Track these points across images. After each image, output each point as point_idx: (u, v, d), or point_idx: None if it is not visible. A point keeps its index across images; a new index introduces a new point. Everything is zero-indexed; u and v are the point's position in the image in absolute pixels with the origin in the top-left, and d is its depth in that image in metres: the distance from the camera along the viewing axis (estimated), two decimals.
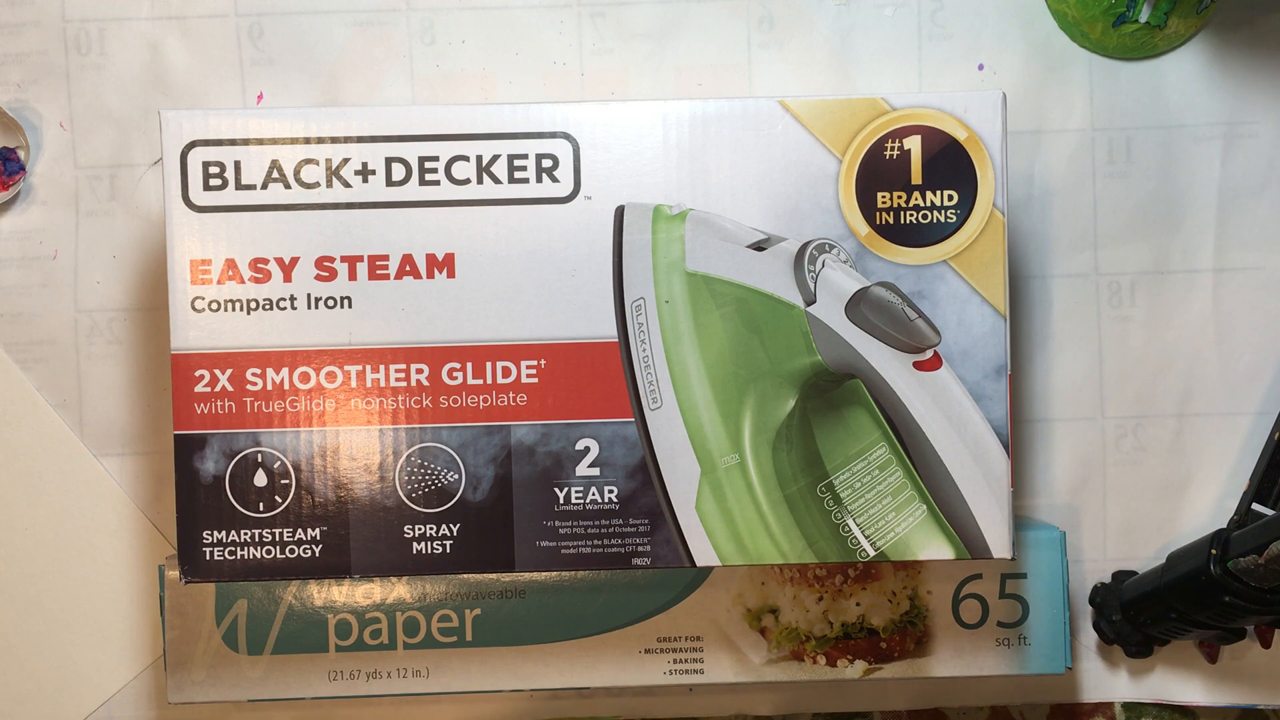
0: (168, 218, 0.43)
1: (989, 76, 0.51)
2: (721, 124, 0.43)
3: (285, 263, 0.43)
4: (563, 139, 0.43)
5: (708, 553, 0.44)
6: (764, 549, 0.44)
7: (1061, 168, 0.51)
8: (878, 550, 0.44)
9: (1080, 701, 0.52)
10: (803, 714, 0.52)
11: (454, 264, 0.43)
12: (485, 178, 0.44)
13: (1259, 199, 0.51)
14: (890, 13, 0.51)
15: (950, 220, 0.43)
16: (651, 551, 0.45)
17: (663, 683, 0.48)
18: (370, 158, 0.43)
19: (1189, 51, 0.51)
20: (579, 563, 0.44)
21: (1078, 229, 0.51)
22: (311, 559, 0.44)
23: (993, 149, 0.43)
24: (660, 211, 0.44)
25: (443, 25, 0.51)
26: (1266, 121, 0.51)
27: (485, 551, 0.44)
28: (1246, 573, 0.44)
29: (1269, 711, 0.53)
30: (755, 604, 0.48)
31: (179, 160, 0.43)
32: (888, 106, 0.43)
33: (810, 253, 0.44)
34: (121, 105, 0.50)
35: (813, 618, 0.48)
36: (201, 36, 0.50)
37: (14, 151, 0.50)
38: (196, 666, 0.48)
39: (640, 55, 0.51)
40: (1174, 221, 0.51)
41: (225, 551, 0.44)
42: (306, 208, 0.43)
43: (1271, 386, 0.51)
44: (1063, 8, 0.50)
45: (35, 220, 0.51)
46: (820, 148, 0.43)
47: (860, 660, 0.48)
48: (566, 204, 0.44)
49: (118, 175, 0.51)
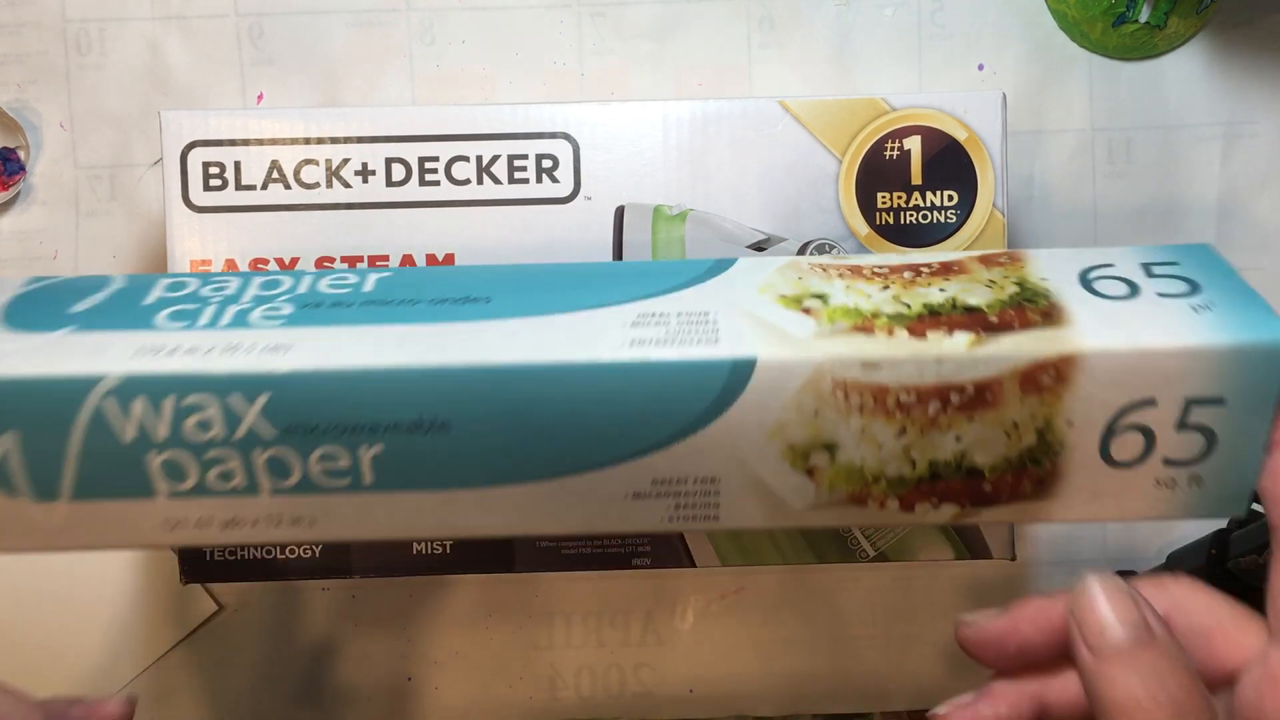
0: (168, 218, 0.43)
1: (989, 76, 0.51)
2: (721, 124, 0.43)
3: (285, 263, 0.43)
4: (563, 139, 0.43)
5: (708, 553, 0.45)
6: (764, 549, 0.45)
7: (1061, 168, 0.51)
8: (878, 550, 0.44)
9: None
10: (803, 714, 0.52)
11: (454, 264, 0.43)
12: (485, 178, 0.44)
13: (1259, 199, 0.51)
14: (890, 13, 0.51)
15: (950, 220, 0.43)
16: (651, 551, 0.45)
17: (661, 530, 0.32)
18: (370, 158, 0.43)
19: (1189, 51, 0.51)
20: (579, 563, 0.45)
21: (1078, 229, 0.51)
22: (311, 559, 0.44)
23: (993, 149, 0.43)
24: (660, 211, 0.44)
25: (443, 25, 0.51)
26: (1266, 121, 0.51)
27: (485, 551, 0.44)
28: (1246, 573, 0.44)
29: None
30: (802, 438, 0.31)
31: (179, 160, 0.43)
32: (888, 107, 0.43)
33: (810, 253, 0.44)
34: (121, 105, 0.50)
35: (887, 455, 0.31)
36: (201, 36, 0.50)
37: (14, 151, 0.50)
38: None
39: (640, 55, 0.51)
40: (1174, 221, 0.51)
41: (225, 551, 0.44)
42: (306, 208, 0.43)
43: None
44: (1063, 8, 0.50)
45: (35, 220, 0.51)
46: (820, 148, 0.43)
47: (948, 504, 0.32)
48: (566, 204, 0.44)
49: (118, 175, 0.51)
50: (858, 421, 0.31)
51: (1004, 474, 0.32)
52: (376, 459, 0.31)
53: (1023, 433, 0.31)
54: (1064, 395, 0.30)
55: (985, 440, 0.31)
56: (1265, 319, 0.30)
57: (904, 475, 0.32)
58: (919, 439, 0.31)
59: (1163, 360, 0.30)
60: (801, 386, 0.30)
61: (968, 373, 0.30)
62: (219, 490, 0.32)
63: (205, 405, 0.31)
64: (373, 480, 0.32)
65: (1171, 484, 0.33)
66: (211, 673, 0.51)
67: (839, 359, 0.30)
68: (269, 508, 0.32)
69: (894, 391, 0.30)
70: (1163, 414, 0.31)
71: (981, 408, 0.30)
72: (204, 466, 0.32)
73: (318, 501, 0.32)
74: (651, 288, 0.32)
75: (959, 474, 0.32)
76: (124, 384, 0.31)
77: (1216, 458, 0.32)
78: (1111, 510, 0.33)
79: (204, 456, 0.31)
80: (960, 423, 0.31)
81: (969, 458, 0.31)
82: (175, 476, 0.32)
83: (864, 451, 0.31)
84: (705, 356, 0.30)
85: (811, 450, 0.31)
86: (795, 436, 0.31)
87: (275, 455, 0.31)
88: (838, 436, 0.31)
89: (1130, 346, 0.30)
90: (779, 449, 0.31)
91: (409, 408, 0.31)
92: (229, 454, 0.31)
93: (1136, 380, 0.30)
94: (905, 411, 0.31)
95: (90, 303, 0.33)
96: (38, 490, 0.32)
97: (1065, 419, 0.31)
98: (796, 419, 0.31)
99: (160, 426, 0.31)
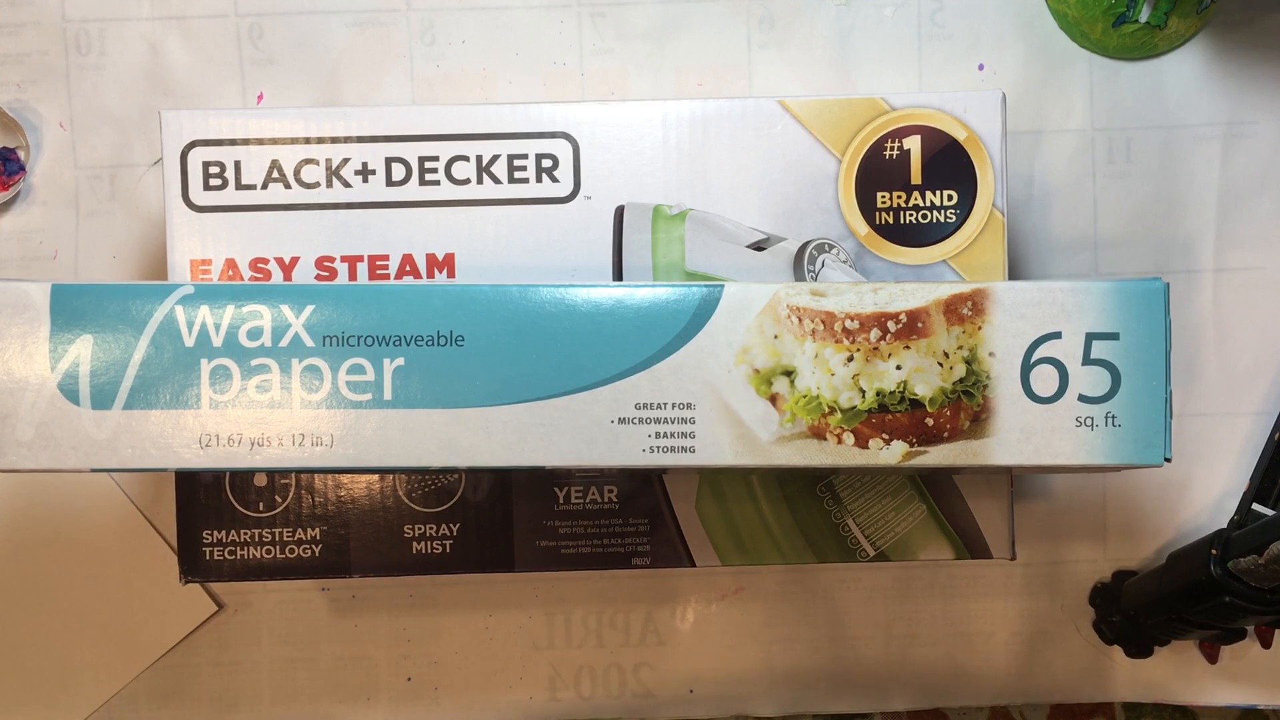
0: (168, 218, 0.43)
1: (989, 76, 0.51)
2: (721, 124, 0.43)
3: (285, 262, 0.43)
4: (563, 139, 0.43)
5: (708, 553, 0.45)
6: (764, 549, 0.45)
7: (1061, 168, 0.51)
8: (878, 550, 0.44)
9: (1080, 701, 0.52)
10: (803, 714, 0.52)
11: (454, 264, 0.43)
12: (485, 178, 0.44)
13: (1259, 199, 0.51)
14: (890, 13, 0.51)
15: (950, 220, 0.43)
16: (651, 551, 0.45)
17: (640, 463, 0.37)
18: (370, 158, 0.43)
19: (1189, 51, 0.51)
20: (579, 562, 0.45)
21: (1078, 229, 0.51)
22: (312, 559, 0.44)
23: (992, 149, 0.43)
24: (660, 211, 0.44)
25: (443, 25, 0.51)
26: (1266, 121, 0.51)
27: (485, 551, 0.44)
28: (1247, 573, 0.44)
29: (1269, 711, 0.53)
30: (765, 363, 0.37)
31: (179, 160, 0.43)
32: (887, 106, 0.43)
33: (810, 253, 0.44)
34: (121, 105, 0.50)
35: (839, 383, 0.37)
36: (201, 36, 0.50)
37: (14, 151, 0.50)
38: (22, 421, 0.37)
39: (640, 55, 0.51)
40: (1174, 221, 0.51)
41: (225, 551, 0.44)
42: (306, 208, 0.43)
43: (1271, 386, 0.51)
44: (1063, 8, 0.50)
45: (35, 220, 0.51)
46: (820, 148, 0.43)
47: (899, 440, 0.37)
48: (566, 204, 0.44)
49: (118, 175, 0.51)
50: (811, 346, 0.37)
51: (943, 407, 0.37)
52: (399, 371, 0.36)
53: (952, 361, 0.37)
54: (983, 325, 0.37)
55: (922, 370, 0.37)
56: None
57: (856, 406, 0.37)
58: (865, 366, 0.37)
59: (1061, 295, 0.37)
60: (761, 311, 0.37)
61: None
62: (256, 403, 0.36)
63: (259, 314, 0.36)
64: (392, 396, 0.36)
65: (1090, 423, 0.37)
66: (211, 672, 0.51)
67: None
68: (297, 422, 0.36)
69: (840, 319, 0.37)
70: (1069, 347, 0.37)
71: (914, 336, 0.37)
72: (246, 374, 0.36)
73: (341, 417, 0.36)
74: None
75: (903, 406, 0.37)
76: (195, 292, 0.36)
77: (1125, 395, 0.37)
78: (1043, 452, 0.37)
79: (249, 363, 0.36)
80: (898, 349, 0.37)
81: (910, 388, 0.37)
82: (220, 386, 0.36)
83: (819, 379, 0.37)
84: (678, 296, 0.37)
85: (773, 375, 0.37)
86: (758, 359, 0.37)
87: (311, 364, 0.36)
88: (795, 361, 0.37)
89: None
90: (745, 373, 0.37)
91: (431, 321, 0.36)
92: (271, 363, 0.36)
93: (1041, 314, 0.37)
94: (850, 337, 0.37)
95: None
96: (96, 398, 0.36)
97: (987, 350, 0.37)
98: (759, 340, 0.37)
99: (218, 334, 0.36)
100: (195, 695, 0.51)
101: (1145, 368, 0.37)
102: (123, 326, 0.36)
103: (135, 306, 0.36)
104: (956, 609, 0.52)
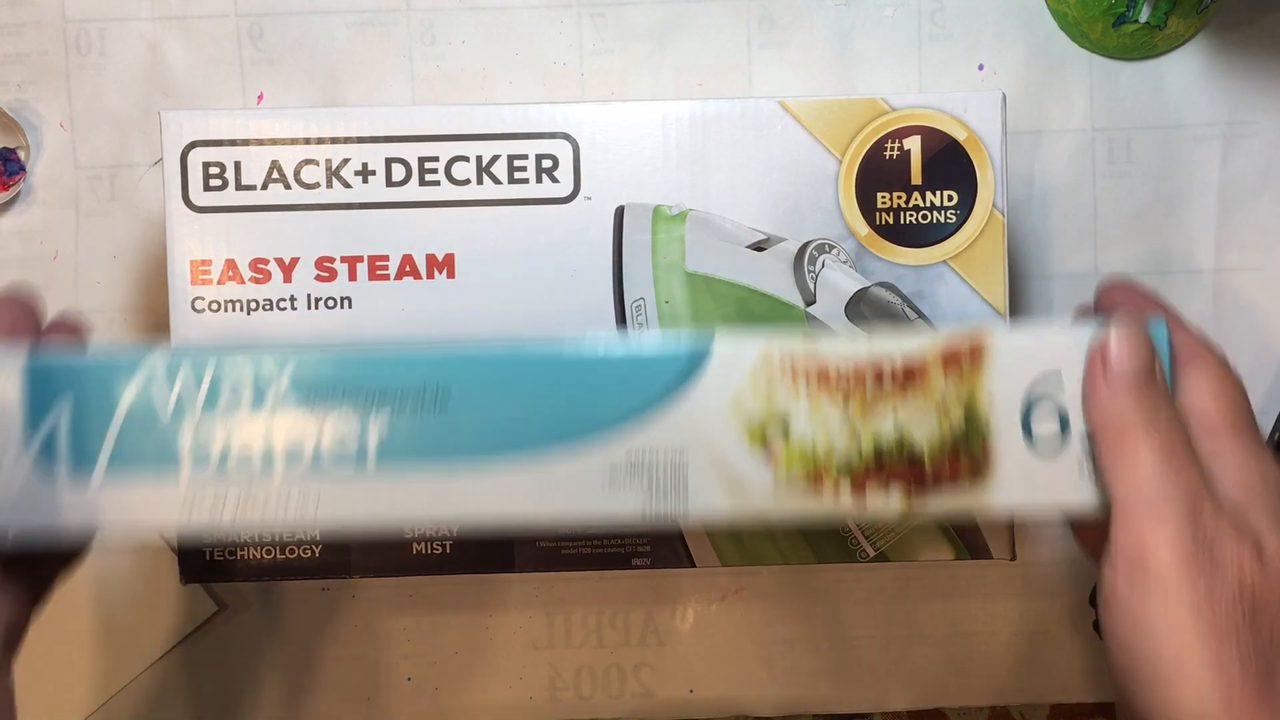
0: (168, 218, 0.43)
1: (989, 76, 0.51)
2: (721, 124, 0.43)
3: (285, 263, 0.43)
4: (563, 139, 0.43)
5: (708, 553, 0.45)
6: (764, 549, 0.45)
7: (1061, 168, 0.51)
8: (878, 550, 0.44)
9: (1080, 701, 0.52)
10: (803, 714, 0.52)
11: (454, 264, 0.43)
12: (485, 178, 0.44)
13: (1259, 199, 0.51)
14: (890, 13, 0.51)
15: (950, 220, 0.43)
16: (651, 551, 0.45)
17: (638, 519, 0.36)
18: (370, 158, 0.43)
19: (1189, 51, 0.51)
20: (579, 563, 0.45)
21: (1078, 229, 0.51)
22: (312, 559, 0.44)
23: (992, 149, 0.43)
24: (660, 211, 0.44)
25: (443, 25, 0.51)
26: (1266, 121, 0.51)
27: (485, 552, 0.44)
28: None
29: None
30: (759, 413, 0.36)
31: (179, 160, 0.43)
32: (887, 107, 0.43)
33: (810, 253, 0.44)
34: (121, 105, 0.51)
35: (835, 433, 0.36)
36: (201, 36, 0.50)
37: (14, 151, 0.50)
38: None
39: (640, 55, 0.51)
40: (1174, 221, 0.51)
41: (225, 552, 0.44)
42: (306, 208, 0.43)
43: (1271, 386, 0.51)
44: (1063, 8, 0.50)
45: (35, 220, 0.51)
46: (820, 148, 0.43)
47: (897, 491, 0.36)
48: (566, 204, 0.44)
49: (118, 175, 0.51)
50: (806, 396, 0.36)
51: (942, 457, 0.36)
52: (382, 431, 0.35)
53: (950, 409, 0.36)
54: (981, 372, 0.36)
55: (919, 419, 0.36)
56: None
57: (852, 457, 0.36)
58: (860, 415, 0.36)
59: (1060, 338, 0.36)
60: (754, 362, 0.36)
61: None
62: (238, 468, 0.35)
63: (239, 373, 0.36)
64: (377, 456, 0.35)
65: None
66: (211, 673, 0.51)
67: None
68: (280, 487, 0.35)
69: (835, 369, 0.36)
70: (1069, 391, 0.36)
71: (911, 385, 0.36)
72: (227, 440, 0.35)
73: (324, 483, 0.35)
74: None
75: (901, 457, 0.36)
76: (174, 353, 0.36)
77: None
78: (1046, 498, 0.36)
79: (230, 426, 0.35)
80: (894, 397, 0.36)
81: (907, 437, 0.36)
82: (201, 456, 0.35)
83: (815, 429, 0.36)
84: (668, 348, 0.36)
85: (767, 426, 0.36)
86: (751, 411, 0.36)
87: (294, 423, 0.35)
88: (790, 412, 0.36)
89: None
90: (739, 425, 0.36)
91: (416, 380, 0.35)
92: (253, 424, 0.35)
93: (1040, 358, 0.36)
94: (845, 384, 0.36)
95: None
96: (75, 464, 0.35)
97: (986, 397, 0.36)
98: (751, 391, 0.36)
99: (198, 396, 0.35)
100: (195, 695, 0.51)
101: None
102: (102, 390, 0.35)
103: (112, 372, 0.35)
104: (956, 609, 0.52)
